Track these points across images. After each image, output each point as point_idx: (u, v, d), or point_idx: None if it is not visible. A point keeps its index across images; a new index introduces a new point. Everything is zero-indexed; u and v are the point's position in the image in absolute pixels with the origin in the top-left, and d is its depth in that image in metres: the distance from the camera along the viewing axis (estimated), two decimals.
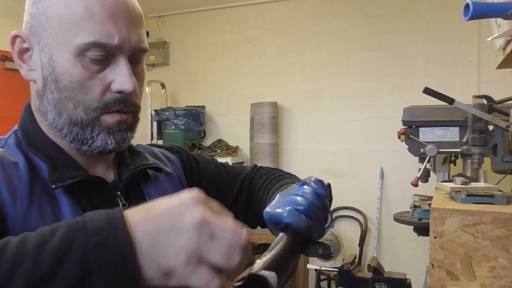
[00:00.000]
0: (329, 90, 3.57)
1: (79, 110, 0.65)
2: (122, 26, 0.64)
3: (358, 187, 3.48)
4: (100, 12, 0.62)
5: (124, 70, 0.65)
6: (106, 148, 0.67)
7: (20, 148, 0.68)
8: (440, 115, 1.98)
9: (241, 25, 3.88)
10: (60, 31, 0.63)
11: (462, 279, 1.05)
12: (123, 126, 0.68)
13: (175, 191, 0.81)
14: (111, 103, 0.65)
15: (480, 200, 1.13)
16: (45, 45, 0.65)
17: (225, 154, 3.68)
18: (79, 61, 0.63)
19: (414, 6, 3.28)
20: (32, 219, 0.61)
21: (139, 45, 0.67)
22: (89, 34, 0.62)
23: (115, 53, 0.64)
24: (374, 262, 2.15)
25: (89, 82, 0.64)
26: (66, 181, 0.65)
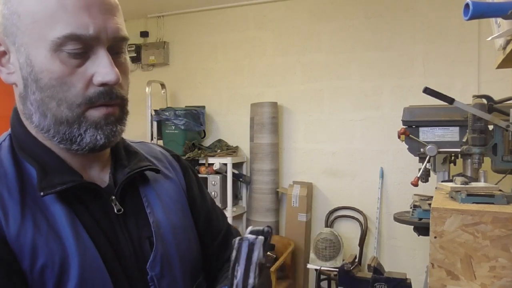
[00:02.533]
0: (329, 90, 3.57)
1: (62, 108, 0.63)
2: (97, 15, 0.61)
3: (358, 187, 3.48)
4: (72, 3, 0.60)
5: (105, 61, 0.62)
6: (97, 143, 0.65)
7: (12, 154, 0.67)
8: (440, 115, 1.98)
9: (241, 25, 3.88)
10: (34, 27, 0.61)
11: (462, 279, 1.05)
12: (111, 119, 0.66)
13: (175, 194, 0.81)
14: (95, 97, 0.63)
15: (480, 200, 1.13)
16: (20, 45, 0.62)
17: (225, 154, 3.68)
18: (57, 57, 0.61)
19: (414, 6, 3.28)
20: (27, 233, 0.59)
21: (117, 34, 0.64)
22: (64, 27, 0.60)
23: (93, 45, 0.62)
24: (374, 262, 2.15)
25: (70, 78, 0.62)
26: (55, 187, 0.63)
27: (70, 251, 0.60)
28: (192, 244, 0.79)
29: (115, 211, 0.69)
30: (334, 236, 3.14)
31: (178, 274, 0.74)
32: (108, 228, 0.68)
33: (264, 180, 3.60)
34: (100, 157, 0.73)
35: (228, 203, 3.56)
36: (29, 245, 0.59)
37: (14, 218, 0.59)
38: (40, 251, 0.59)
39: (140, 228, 0.72)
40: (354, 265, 2.26)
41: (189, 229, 0.80)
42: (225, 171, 3.56)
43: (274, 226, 3.64)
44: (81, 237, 0.62)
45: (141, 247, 0.70)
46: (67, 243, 0.61)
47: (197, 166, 3.64)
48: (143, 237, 0.71)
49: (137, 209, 0.74)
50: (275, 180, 3.64)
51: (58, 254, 0.60)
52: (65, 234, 0.61)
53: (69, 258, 0.60)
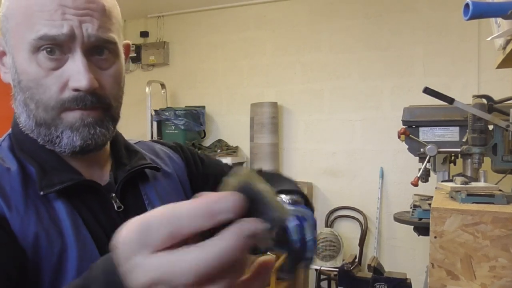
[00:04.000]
0: (329, 90, 3.57)
1: (40, 110, 0.64)
2: (71, 16, 0.61)
3: (358, 187, 3.48)
4: (48, 8, 0.60)
5: (79, 64, 0.61)
6: (74, 145, 0.64)
7: (13, 153, 0.67)
8: (440, 115, 1.98)
9: (241, 25, 3.88)
10: (17, 30, 0.63)
11: (462, 279, 1.05)
12: (88, 121, 0.64)
13: (175, 192, 0.82)
14: (69, 101, 0.63)
15: (480, 200, 1.13)
16: (10, 47, 0.65)
17: (225, 154, 3.68)
18: (34, 59, 0.62)
19: (414, 6, 3.28)
20: (30, 222, 0.60)
21: (96, 35, 0.62)
22: (39, 29, 0.60)
23: (70, 47, 0.62)
24: (374, 262, 2.15)
25: (45, 80, 0.62)
26: (55, 186, 0.63)
27: (69, 244, 0.61)
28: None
29: (115, 208, 0.70)
30: (334, 236, 3.14)
31: None
32: (108, 225, 0.68)
33: None
34: (99, 156, 0.73)
35: None
36: (32, 235, 0.59)
37: (17, 209, 0.60)
38: (42, 241, 0.60)
39: None
40: (354, 265, 2.26)
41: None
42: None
43: None
44: (80, 232, 0.63)
45: None
46: (67, 236, 0.62)
47: None
48: None
49: (138, 206, 0.74)
50: None
51: (57, 246, 0.60)
52: (65, 228, 0.62)
53: (67, 251, 0.61)
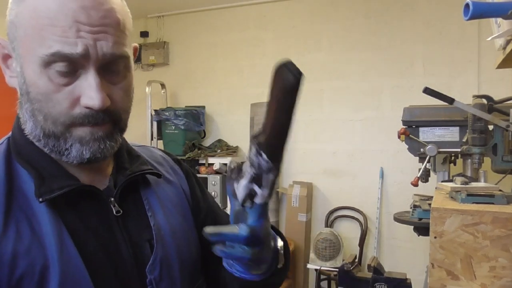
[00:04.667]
0: (329, 90, 3.57)
1: (49, 123, 0.63)
2: (86, 34, 0.59)
3: (358, 187, 3.48)
4: (62, 23, 0.58)
5: (91, 83, 0.60)
6: (83, 158, 0.64)
7: (7, 158, 0.66)
8: (440, 115, 1.98)
9: (241, 25, 3.88)
10: (26, 41, 0.61)
11: (462, 279, 1.05)
12: (99, 135, 0.64)
13: (177, 198, 0.81)
14: (80, 117, 0.62)
15: (480, 200, 1.13)
16: (18, 55, 0.63)
17: (225, 154, 3.68)
18: (45, 73, 0.60)
19: (414, 6, 3.28)
20: (8, 242, 0.59)
21: (111, 52, 0.61)
22: (51, 45, 0.59)
23: (83, 63, 0.60)
24: (374, 262, 2.15)
25: (56, 95, 0.61)
26: (54, 192, 0.62)
27: (51, 261, 0.60)
28: (191, 247, 0.79)
29: (114, 213, 0.69)
30: (334, 236, 3.14)
31: (177, 277, 0.73)
32: (105, 231, 0.67)
33: None
34: (101, 161, 0.72)
35: (228, 203, 3.56)
36: (9, 255, 0.58)
37: None
38: (20, 260, 0.59)
39: (141, 231, 0.72)
40: (354, 265, 2.26)
41: (189, 232, 0.80)
42: (225, 171, 3.55)
43: None
44: (65, 246, 0.61)
45: (141, 250, 0.70)
46: (49, 252, 0.60)
47: (197, 166, 3.64)
48: (143, 240, 0.71)
49: (138, 211, 0.73)
50: None
51: (39, 263, 0.59)
52: (48, 243, 0.61)
53: (49, 268, 0.59)
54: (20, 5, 0.62)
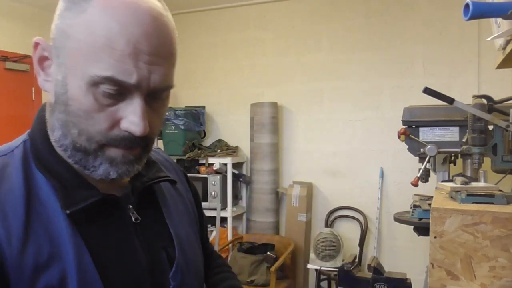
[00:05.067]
0: (329, 90, 3.57)
1: (82, 138, 0.61)
2: (143, 64, 0.58)
3: (358, 187, 3.49)
4: (122, 47, 0.57)
5: (137, 110, 0.60)
6: (108, 177, 0.63)
7: (25, 163, 0.64)
8: (440, 115, 1.98)
9: (241, 25, 3.88)
10: (77, 55, 0.59)
11: (462, 279, 1.05)
12: (129, 158, 0.64)
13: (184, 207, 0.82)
14: (117, 140, 0.61)
15: (480, 200, 1.13)
16: (62, 63, 0.61)
17: (225, 154, 3.68)
18: (91, 92, 0.59)
19: (414, 6, 3.28)
20: (29, 257, 0.58)
21: (160, 84, 0.61)
22: (106, 68, 0.57)
23: (131, 90, 0.60)
24: (374, 262, 2.15)
25: (98, 114, 0.60)
26: (79, 204, 0.62)
27: (69, 275, 0.59)
28: (198, 256, 0.80)
29: (132, 220, 0.69)
30: (334, 236, 3.14)
31: (193, 283, 0.75)
32: (123, 239, 0.67)
33: (264, 180, 3.60)
34: None
35: (228, 203, 3.56)
36: (30, 270, 0.58)
37: (17, 239, 0.58)
38: (40, 275, 0.58)
39: (158, 238, 0.72)
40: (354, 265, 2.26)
41: (196, 241, 0.82)
42: (225, 171, 3.56)
43: (274, 226, 3.64)
44: (82, 259, 0.61)
45: (159, 257, 0.70)
46: (67, 265, 0.60)
47: (197, 166, 3.64)
48: (160, 247, 0.71)
49: (156, 219, 0.74)
50: (275, 180, 3.64)
51: (57, 278, 0.59)
52: (66, 255, 0.60)
53: (68, 281, 0.59)
54: (79, 16, 0.59)
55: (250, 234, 3.61)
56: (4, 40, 3.61)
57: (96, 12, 0.58)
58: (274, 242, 3.42)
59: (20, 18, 3.74)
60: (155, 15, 0.60)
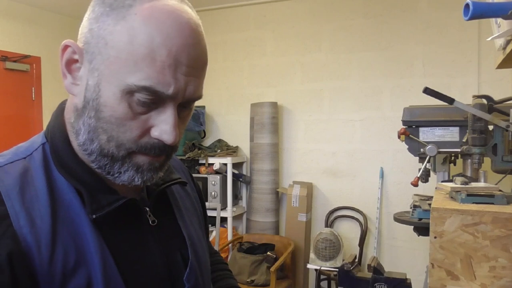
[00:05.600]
0: (329, 90, 3.57)
1: (111, 144, 0.61)
2: (181, 76, 0.59)
3: (358, 187, 3.49)
4: (163, 59, 0.57)
5: (170, 119, 0.60)
6: (132, 183, 0.64)
7: (46, 168, 0.64)
8: (440, 115, 1.98)
9: (241, 25, 3.88)
10: (115, 63, 0.58)
11: (462, 279, 1.05)
12: (155, 166, 0.64)
13: (193, 209, 0.83)
14: (147, 148, 0.62)
15: (480, 200, 1.13)
16: (95, 69, 0.60)
17: (225, 154, 3.69)
18: (126, 100, 0.59)
19: (414, 6, 3.28)
20: (58, 262, 0.58)
21: (193, 95, 0.63)
22: (145, 78, 0.57)
23: (166, 100, 0.60)
24: (374, 262, 2.15)
25: (130, 122, 0.60)
26: (104, 209, 0.62)
27: (95, 280, 0.60)
28: (207, 256, 0.82)
29: (150, 223, 0.69)
30: (334, 236, 3.14)
31: (205, 284, 0.76)
32: (141, 241, 0.68)
33: (264, 180, 3.60)
34: None
35: (228, 203, 3.56)
36: (59, 275, 0.58)
37: (46, 246, 0.58)
38: (68, 280, 0.59)
39: (173, 240, 0.73)
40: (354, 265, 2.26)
41: (204, 241, 0.83)
42: (225, 171, 3.56)
43: (274, 226, 3.64)
44: (107, 264, 0.61)
45: (174, 259, 0.71)
46: (93, 271, 0.60)
47: (197, 166, 3.64)
48: (175, 249, 0.73)
49: (169, 221, 0.75)
50: (275, 180, 3.65)
51: (84, 282, 0.59)
52: (91, 260, 0.60)
53: (93, 286, 0.60)
54: (119, 23, 0.58)
55: (250, 234, 3.61)
56: (4, 40, 3.61)
57: (138, 21, 0.57)
58: (274, 242, 3.42)
59: (20, 18, 3.74)
60: (194, 26, 0.61)
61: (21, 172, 0.62)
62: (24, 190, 0.60)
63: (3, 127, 3.55)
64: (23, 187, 0.60)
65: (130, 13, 0.58)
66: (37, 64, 3.85)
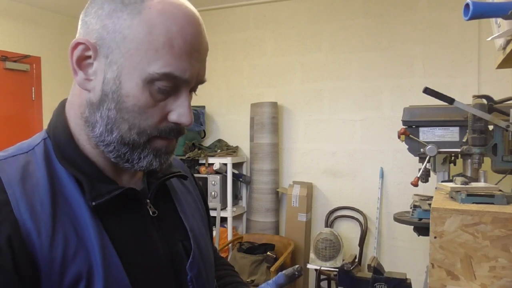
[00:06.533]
0: (329, 90, 3.57)
1: (132, 133, 0.65)
2: (195, 62, 0.65)
3: (358, 187, 3.49)
4: (180, 46, 0.63)
5: (185, 103, 0.67)
6: (150, 168, 0.68)
7: (47, 160, 0.66)
8: (440, 115, 1.98)
9: (241, 25, 3.88)
10: (136, 54, 0.62)
11: (462, 279, 1.05)
12: (170, 149, 0.70)
13: (195, 205, 0.85)
14: (166, 131, 0.67)
15: (480, 200, 1.13)
16: (114, 62, 0.63)
17: (225, 154, 3.69)
18: (148, 88, 0.63)
19: (414, 6, 3.28)
20: (58, 247, 0.60)
21: (202, 79, 0.69)
22: (164, 65, 0.62)
23: (181, 85, 0.65)
24: (374, 262, 2.15)
25: (151, 109, 0.64)
26: (104, 196, 0.64)
27: (95, 266, 0.61)
28: (210, 250, 0.83)
29: (150, 214, 0.71)
30: (334, 236, 3.14)
31: (208, 276, 0.78)
32: (142, 232, 0.70)
33: (264, 180, 3.60)
34: None
35: (228, 203, 3.56)
36: (59, 259, 0.59)
37: (46, 231, 0.60)
38: (69, 265, 0.60)
39: (174, 231, 0.75)
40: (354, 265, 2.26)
41: (207, 236, 0.85)
42: (225, 171, 3.56)
43: (274, 226, 3.64)
44: (107, 251, 0.63)
45: (176, 250, 0.73)
46: (93, 257, 0.62)
47: (197, 166, 3.64)
48: (177, 240, 0.75)
49: (170, 213, 0.77)
50: (275, 180, 3.65)
51: (85, 269, 0.61)
52: (91, 248, 0.62)
53: (94, 272, 0.61)
54: (135, 18, 0.62)
55: (250, 234, 3.61)
56: (4, 40, 3.61)
57: (154, 14, 0.62)
58: (274, 242, 3.42)
59: (20, 18, 3.74)
60: (198, 17, 0.67)
61: (22, 164, 0.64)
62: (25, 179, 0.62)
63: (3, 127, 3.54)
64: (24, 176, 0.63)
65: (144, 7, 0.62)
66: (37, 64, 3.85)
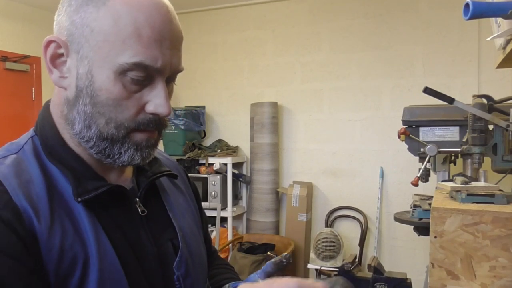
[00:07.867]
0: (329, 90, 3.57)
1: (110, 127, 0.64)
2: (166, 50, 0.64)
3: (358, 187, 3.49)
4: (148, 35, 0.61)
5: (161, 93, 0.65)
6: (132, 163, 0.67)
7: (37, 157, 0.66)
8: (440, 114, 1.98)
9: (241, 25, 3.88)
10: (104, 46, 0.61)
11: (462, 279, 1.05)
12: (151, 142, 0.68)
13: (187, 204, 0.84)
14: (144, 123, 0.65)
15: (480, 200, 1.13)
16: (84, 57, 0.63)
17: (225, 154, 3.68)
18: (120, 80, 0.62)
19: (414, 6, 3.28)
20: (56, 237, 0.60)
21: (177, 68, 0.67)
22: (134, 55, 0.61)
23: (154, 75, 0.64)
24: (374, 262, 2.15)
25: (126, 101, 0.63)
26: (90, 193, 0.64)
27: (91, 256, 0.62)
28: (202, 250, 0.83)
29: (139, 213, 0.71)
30: (334, 236, 3.14)
31: (197, 275, 0.77)
32: (131, 230, 0.69)
33: (264, 180, 3.60)
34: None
35: (228, 203, 3.56)
36: (57, 249, 0.60)
37: (45, 221, 0.60)
38: (66, 255, 0.61)
39: (163, 230, 0.75)
40: (354, 265, 2.26)
41: (199, 236, 0.84)
42: (225, 171, 3.56)
43: (274, 226, 3.64)
44: (101, 242, 0.64)
45: (164, 249, 0.73)
46: (89, 247, 0.62)
47: (197, 166, 3.64)
48: (166, 239, 0.74)
49: (160, 212, 0.77)
50: (275, 180, 3.64)
51: (81, 258, 0.61)
52: (87, 239, 0.63)
53: (89, 262, 0.62)
54: (101, 9, 0.61)
55: (250, 234, 3.61)
56: (4, 40, 3.61)
57: (119, 4, 0.61)
58: (274, 242, 3.42)
59: (20, 18, 3.74)
60: (168, 5, 0.66)
61: (15, 164, 0.64)
62: (19, 175, 0.63)
63: (3, 127, 3.55)
64: (18, 173, 0.63)
65: None
66: (37, 64, 3.85)
